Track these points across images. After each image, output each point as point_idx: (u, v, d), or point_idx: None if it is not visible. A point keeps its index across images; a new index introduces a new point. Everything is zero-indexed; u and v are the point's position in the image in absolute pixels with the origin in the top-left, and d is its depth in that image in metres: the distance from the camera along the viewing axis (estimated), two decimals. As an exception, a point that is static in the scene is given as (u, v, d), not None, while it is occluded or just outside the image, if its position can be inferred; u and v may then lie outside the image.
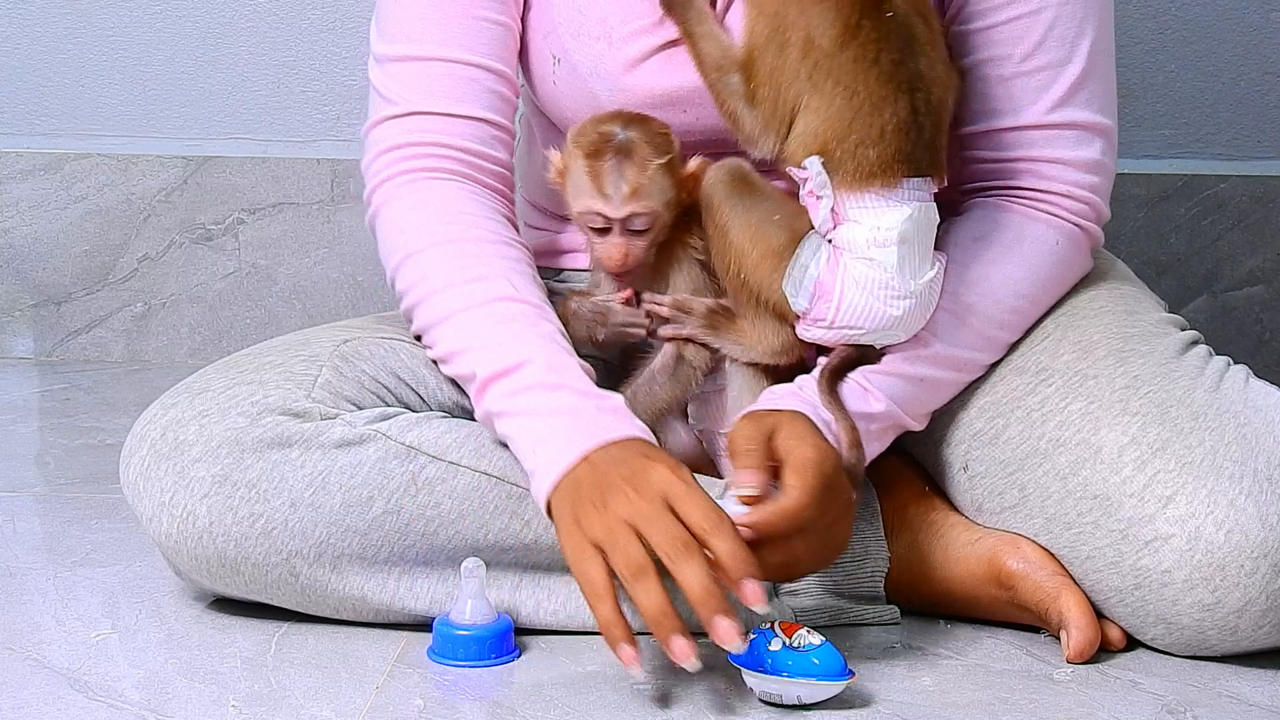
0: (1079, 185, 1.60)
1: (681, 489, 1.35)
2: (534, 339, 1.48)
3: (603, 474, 1.38)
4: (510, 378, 1.46)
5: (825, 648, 1.37)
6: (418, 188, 1.58)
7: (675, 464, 1.38)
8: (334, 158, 2.47)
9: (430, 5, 1.59)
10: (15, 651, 1.47)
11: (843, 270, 1.48)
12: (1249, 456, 1.45)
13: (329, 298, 2.48)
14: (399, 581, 1.50)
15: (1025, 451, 1.53)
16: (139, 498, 1.50)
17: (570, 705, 1.39)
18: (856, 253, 1.47)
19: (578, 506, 1.37)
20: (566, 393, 1.44)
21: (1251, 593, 1.43)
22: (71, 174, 2.48)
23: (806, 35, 1.46)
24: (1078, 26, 1.58)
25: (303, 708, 1.38)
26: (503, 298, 1.51)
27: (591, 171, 1.51)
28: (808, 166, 1.48)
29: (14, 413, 2.23)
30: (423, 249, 1.55)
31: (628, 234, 1.52)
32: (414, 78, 1.60)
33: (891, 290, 1.48)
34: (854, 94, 1.46)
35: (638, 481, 1.36)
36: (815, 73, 1.46)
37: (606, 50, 1.59)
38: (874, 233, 1.47)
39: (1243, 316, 2.44)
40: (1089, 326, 1.58)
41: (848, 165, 1.46)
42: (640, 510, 1.34)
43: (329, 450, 1.48)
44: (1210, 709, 1.40)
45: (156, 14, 2.47)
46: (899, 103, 1.46)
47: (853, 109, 1.46)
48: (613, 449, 1.40)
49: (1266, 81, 2.43)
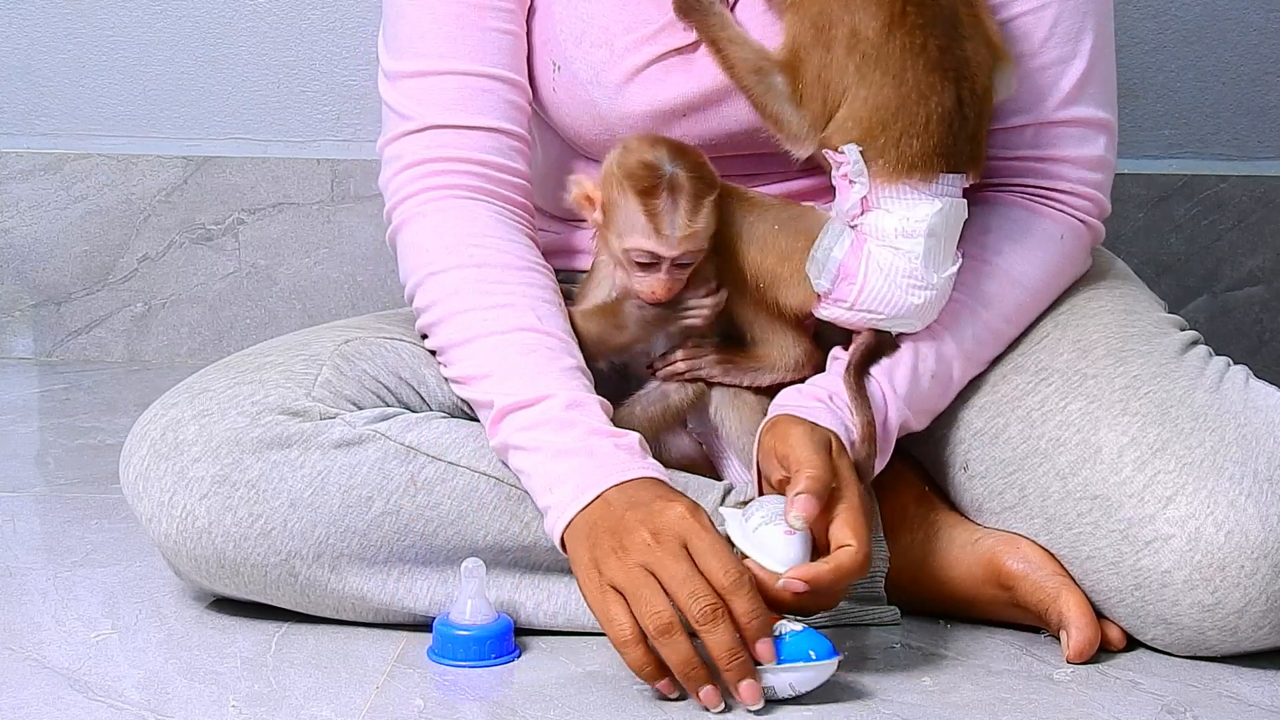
0: (1084, 182, 1.60)
1: (700, 538, 1.36)
2: (555, 373, 1.48)
3: (619, 516, 1.38)
4: (528, 411, 1.46)
5: (807, 633, 1.37)
6: (441, 205, 1.57)
7: (692, 506, 1.38)
8: (334, 158, 2.47)
9: (437, 19, 1.58)
10: (15, 651, 1.47)
11: (866, 255, 1.48)
12: (1249, 457, 1.45)
13: (329, 298, 2.48)
14: (398, 582, 1.50)
15: (1025, 451, 1.53)
16: (138, 498, 1.50)
17: (570, 705, 1.39)
18: (883, 241, 1.48)
19: (596, 549, 1.38)
20: (583, 430, 1.44)
21: (1251, 593, 1.43)
22: (71, 174, 2.48)
23: (852, 29, 1.46)
24: (1080, 22, 1.58)
25: (303, 708, 1.38)
26: (526, 328, 1.50)
27: (648, 210, 1.48)
28: (845, 152, 1.47)
29: (14, 413, 2.23)
30: (447, 269, 1.54)
31: (673, 269, 1.50)
32: (428, 92, 1.58)
33: (914, 280, 1.48)
34: (901, 82, 1.46)
35: (655, 525, 1.36)
36: (863, 64, 1.46)
37: (608, 58, 1.59)
38: (903, 223, 1.47)
39: (1243, 316, 2.44)
40: (1089, 326, 1.58)
41: (890, 154, 1.46)
42: (660, 560, 1.35)
43: (328, 450, 1.48)
44: (1210, 709, 1.40)
45: (156, 14, 2.47)
46: (945, 91, 1.46)
47: (900, 97, 1.46)
48: (629, 488, 1.40)
49: (1266, 81, 2.43)
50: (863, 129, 1.47)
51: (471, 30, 1.58)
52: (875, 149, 1.47)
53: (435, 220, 1.56)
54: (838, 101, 1.48)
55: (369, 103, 2.45)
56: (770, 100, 1.52)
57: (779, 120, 1.52)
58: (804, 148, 1.52)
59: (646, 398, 1.57)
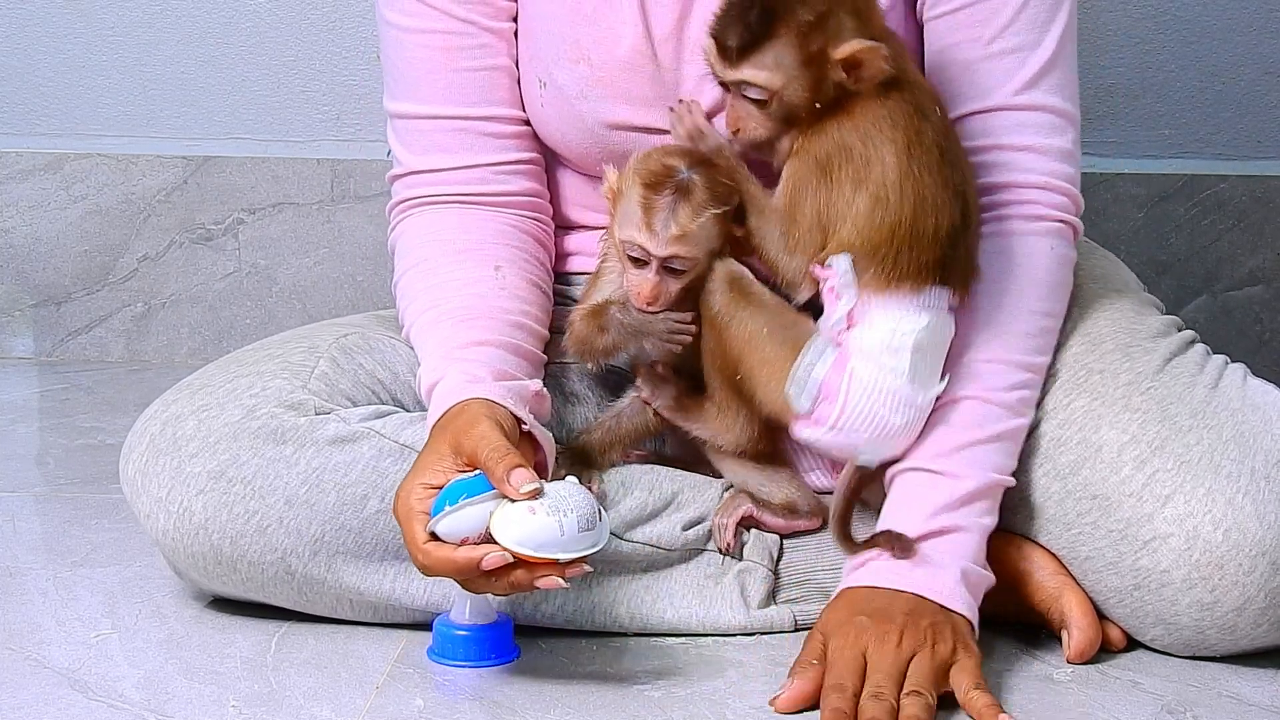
0: (1055, 175, 1.56)
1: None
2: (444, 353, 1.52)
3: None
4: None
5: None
6: (412, 222, 1.63)
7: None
8: (334, 158, 2.47)
9: (411, 64, 1.62)
10: (15, 651, 1.47)
11: (849, 374, 1.45)
12: (1247, 455, 1.45)
13: (329, 298, 2.48)
14: (395, 580, 1.50)
15: (1026, 450, 1.53)
16: (137, 494, 1.50)
17: (570, 705, 1.39)
18: (869, 357, 1.45)
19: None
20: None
21: (1250, 591, 1.43)
22: (71, 174, 2.48)
23: (865, 159, 1.44)
24: (1049, 11, 1.55)
25: (303, 708, 1.38)
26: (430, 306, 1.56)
27: (644, 204, 1.47)
28: (834, 264, 1.45)
29: (14, 413, 2.23)
30: (400, 275, 1.61)
31: (664, 272, 1.49)
32: (409, 136, 1.64)
33: (898, 398, 1.45)
34: (919, 200, 1.43)
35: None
36: (878, 191, 1.43)
37: (589, 73, 1.59)
38: (890, 337, 1.44)
39: (1243, 316, 2.44)
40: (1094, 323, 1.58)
41: (885, 265, 1.44)
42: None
43: (323, 447, 1.48)
44: (1210, 709, 1.40)
45: (156, 14, 2.47)
46: (954, 206, 1.45)
47: (914, 214, 1.43)
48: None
49: (1266, 81, 2.43)
50: (866, 243, 1.44)
51: (441, 73, 1.61)
52: (871, 260, 1.44)
53: (409, 231, 1.63)
54: (836, 231, 1.46)
55: (369, 103, 2.46)
56: (768, 246, 1.49)
57: (775, 266, 1.50)
58: (801, 293, 1.49)
59: (630, 407, 1.57)
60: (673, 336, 1.51)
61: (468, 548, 1.34)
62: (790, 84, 1.44)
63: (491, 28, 1.61)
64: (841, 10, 1.43)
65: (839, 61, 1.42)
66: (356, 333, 1.58)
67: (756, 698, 1.40)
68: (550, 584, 1.34)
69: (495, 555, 1.33)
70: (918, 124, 1.44)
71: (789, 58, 1.43)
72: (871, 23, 1.45)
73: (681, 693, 1.41)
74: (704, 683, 1.43)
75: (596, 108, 1.59)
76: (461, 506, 1.34)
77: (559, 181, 1.68)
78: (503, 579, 1.35)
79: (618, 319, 1.52)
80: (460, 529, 1.34)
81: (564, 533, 1.33)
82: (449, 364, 1.48)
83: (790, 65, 1.43)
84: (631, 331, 1.51)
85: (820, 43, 1.43)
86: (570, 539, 1.34)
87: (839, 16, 1.43)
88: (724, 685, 1.42)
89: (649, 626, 1.53)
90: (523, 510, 1.34)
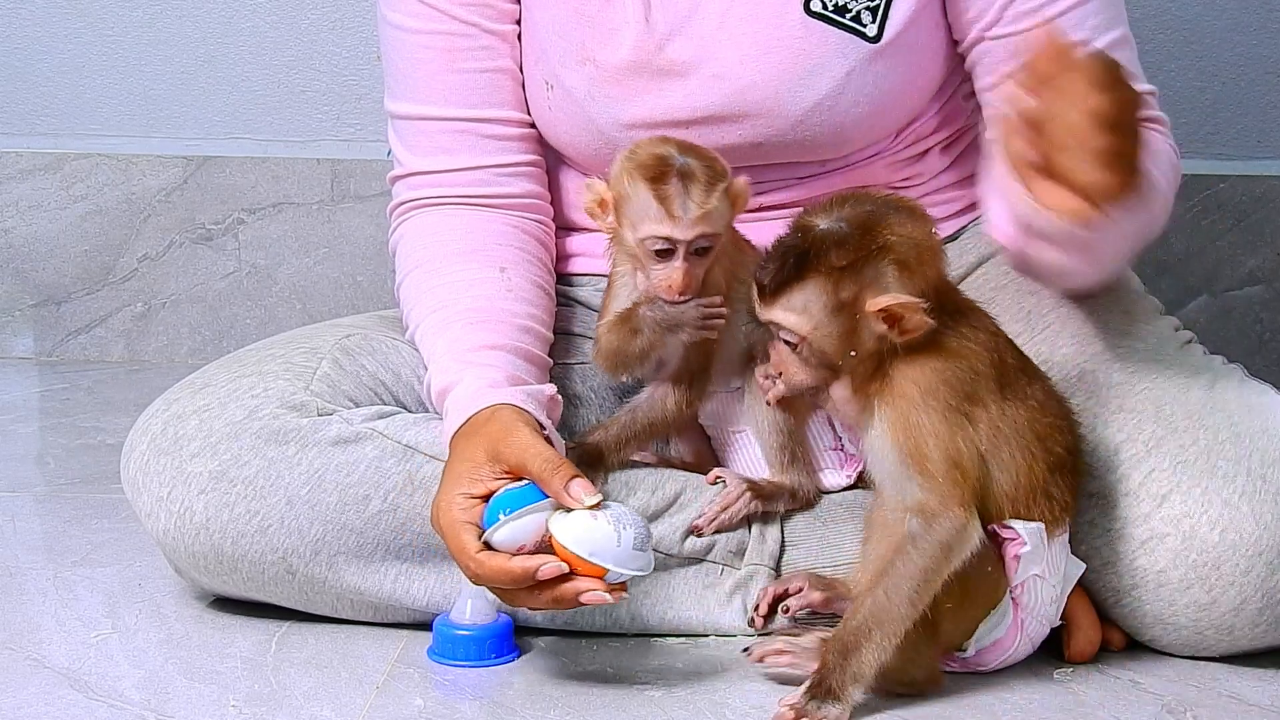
0: (1156, 109, 1.59)
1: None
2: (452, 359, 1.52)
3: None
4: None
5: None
6: (414, 223, 1.63)
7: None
8: (334, 157, 2.47)
9: (414, 64, 1.62)
10: (15, 651, 1.47)
11: (1020, 626, 1.44)
12: (1243, 455, 1.45)
13: (329, 298, 2.49)
14: (395, 580, 1.50)
15: (1025, 451, 1.53)
16: (138, 493, 1.50)
17: (570, 705, 1.39)
18: (1038, 612, 1.44)
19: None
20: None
21: (1247, 591, 1.43)
22: (71, 174, 2.48)
23: (969, 400, 1.39)
24: (1116, 12, 1.59)
25: (303, 708, 1.38)
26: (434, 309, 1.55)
27: (658, 195, 1.47)
28: (1020, 531, 1.40)
29: (14, 413, 2.23)
30: (403, 276, 1.61)
31: (690, 257, 1.49)
32: (411, 137, 1.64)
33: (1041, 635, 1.46)
34: (1045, 447, 1.41)
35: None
36: (993, 436, 1.39)
37: (596, 73, 1.59)
38: (1056, 588, 1.44)
39: (1243, 316, 2.45)
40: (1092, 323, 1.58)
41: (1043, 513, 1.41)
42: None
43: (325, 448, 1.48)
44: (1210, 709, 1.40)
45: (156, 14, 2.47)
46: (1064, 434, 1.43)
47: (1032, 455, 1.40)
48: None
49: (1266, 81, 2.43)
50: (1018, 491, 1.40)
51: (443, 75, 1.61)
52: (1026, 510, 1.41)
53: (411, 232, 1.63)
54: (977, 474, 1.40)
55: (369, 103, 2.46)
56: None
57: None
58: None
59: (647, 403, 1.57)
60: (707, 321, 1.51)
61: (523, 557, 1.35)
62: (819, 330, 1.37)
63: (494, 30, 1.62)
64: (884, 259, 1.35)
65: (874, 314, 1.36)
66: (359, 334, 1.58)
67: (756, 698, 1.40)
68: (596, 599, 1.35)
69: (551, 565, 1.34)
70: (1000, 357, 1.40)
71: (817, 303, 1.36)
72: (920, 274, 1.36)
73: (681, 693, 1.41)
74: (704, 683, 1.43)
75: (608, 109, 1.59)
76: (519, 515, 1.35)
77: (560, 184, 1.68)
78: (548, 592, 1.35)
79: (649, 317, 1.51)
80: (517, 538, 1.36)
81: (620, 545, 1.35)
82: (463, 368, 1.48)
83: (818, 311, 1.36)
84: (666, 326, 1.51)
85: (853, 291, 1.35)
86: (625, 554, 1.35)
87: (878, 266, 1.35)
88: (724, 685, 1.42)
89: (649, 627, 1.53)
90: (585, 516, 1.35)
